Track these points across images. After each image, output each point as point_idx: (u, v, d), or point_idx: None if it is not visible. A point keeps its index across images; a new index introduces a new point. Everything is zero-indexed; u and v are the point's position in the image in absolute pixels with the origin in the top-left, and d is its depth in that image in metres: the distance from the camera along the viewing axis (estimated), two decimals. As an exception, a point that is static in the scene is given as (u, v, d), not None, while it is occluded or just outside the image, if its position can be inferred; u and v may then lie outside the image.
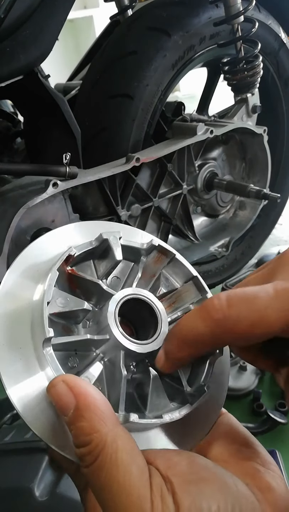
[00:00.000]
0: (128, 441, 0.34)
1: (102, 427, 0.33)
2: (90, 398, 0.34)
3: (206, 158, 1.35)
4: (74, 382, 0.34)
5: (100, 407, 0.34)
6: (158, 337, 0.41)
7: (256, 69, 1.25)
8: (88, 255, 0.44)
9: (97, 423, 0.33)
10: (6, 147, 1.32)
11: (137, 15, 1.23)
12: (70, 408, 0.34)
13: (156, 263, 0.47)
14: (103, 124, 1.13)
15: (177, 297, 0.48)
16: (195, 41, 1.20)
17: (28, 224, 0.93)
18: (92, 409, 0.33)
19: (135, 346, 0.40)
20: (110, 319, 0.39)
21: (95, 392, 0.35)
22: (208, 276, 1.59)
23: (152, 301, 0.43)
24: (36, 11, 0.87)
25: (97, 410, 0.33)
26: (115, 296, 0.41)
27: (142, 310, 0.43)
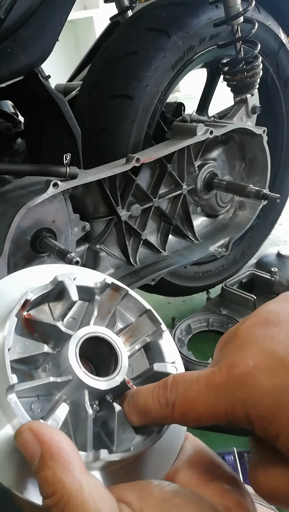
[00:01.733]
0: (95, 487, 0.33)
1: (67, 476, 0.32)
2: (54, 446, 0.33)
3: (206, 159, 1.35)
4: (39, 430, 0.34)
5: (64, 455, 0.33)
6: (119, 371, 0.41)
7: (256, 69, 1.25)
8: (43, 299, 0.45)
9: (61, 473, 0.32)
10: (7, 147, 1.33)
11: (137, 16, 1.23)
12: (36, 456, 0.33)
13: (110, 300, 0.48)
14: (104, 125, 1.14)
15: (133, 331, 0.49)
16: (195, 42, 1.21)
17: (28, 225, 0.93)
18: (56, 458, 0.33)
19: (99, 383, 0.40)
20: (71, 360, 0.40)
21: (61, 438, 0.34)
22: (208, 276, 1.59)
23: (110, 337, 0.43)
24: (36, 12, 0.87)
25: (61, 459, 0.32)
26: (74, 336, 0.41)
27: (101, 347, 0.43)
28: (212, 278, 1.61)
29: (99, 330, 0.43)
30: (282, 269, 1.59)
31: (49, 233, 0.97)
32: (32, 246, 0.95)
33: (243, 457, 1.09)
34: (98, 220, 1.12)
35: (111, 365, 0.43)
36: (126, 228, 1.17)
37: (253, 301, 1.49)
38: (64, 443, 0.34)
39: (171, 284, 1.42)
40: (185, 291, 1.57)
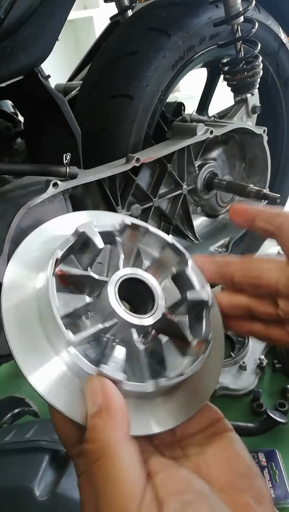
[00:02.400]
0: (131, 455, 0.36)
1: (114, 433, 0.36)
2: (114, 403, 0.37)
3: (206, 158, 1.35)
4: (108, 385, 0.38)
5: (119, 415, 0.37)
6: (157, 307, 0.45)
7: (256, 69, 1.25)
8: (69, 251, 0.46)
9: (110, 427, 0.36)
10: (6, 147, 1.32)
11: (137, 16, 1.23)
12: (96, 404, 0.37)
13: (131, 239, 0.50)
14: (104, 125, 1.14)
15: (160, 264, 0.51)
16: (195, 42, 1.21)
17: (28, 224, 0.93)
18: (112, 413, 0.36)
19: (143, 320, 0.43)
20: (114, 304, 0.43)
21: (122, 400, 0.38)
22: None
23: (142, 276, 0.46)
24: (36, 12, 0.87)
25: (115, 416, 0.36)
26: (110, 281, 0.44)
27: (137, 287, 0.46)
28: (212, 278, 1.60)
29: (131, 272, 0.46)
30: (282, 269, 1.59)
31: (49, 233, 0.96)
32: (32, 246, 0.95)
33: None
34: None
35: (149, 302, 0.46)
36: (126, 228, 1.17)
37: (253, 301, 1.49)
38: (122, 405, 0.38)
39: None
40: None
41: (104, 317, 0.44)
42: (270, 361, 1.36)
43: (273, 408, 1.23)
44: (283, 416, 1.13)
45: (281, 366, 1.35)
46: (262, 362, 1.32)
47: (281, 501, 1.01)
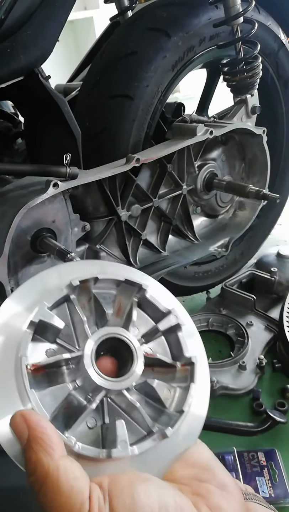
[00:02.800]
0: (71, 468, 0.38)
1: (46, 458, 0.37)
2: (39, 432, 0.39)
3: (206, 159, 1.35)
4: (29, 416, 0.40)
5: (46, 440, 0.38)
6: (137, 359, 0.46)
7: (256, 70, 1.25)
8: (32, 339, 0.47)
9: (41, 455, 0.38)
10: (7, 147, 1.33)
11: (137, 16, 1.24)
12: (25, 438, 0.39)
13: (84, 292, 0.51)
14: (104, 125, 1.14)
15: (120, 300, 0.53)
16: (195, 42, 1.21)
17: (28, 225, 0.93)
18: (39, 442, 0.38)
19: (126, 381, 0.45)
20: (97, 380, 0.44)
21: (46, 426, 0.39)
22: (208, 276, 1.59)
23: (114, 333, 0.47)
24: (36, 12, 0.87)
25: (42, 443, 0.38)
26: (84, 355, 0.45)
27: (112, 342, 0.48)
28: (212, 278, 1.61)
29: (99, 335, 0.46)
30: (282, 269, 1.59)
31: (49, 233, 0.97)
32: (32, 246, 0.95)
33: (243, 457, 1.10)
34: (98, 220, 1.13)
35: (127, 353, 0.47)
36: (126, 228, 1.18)
37: (252, 301, 1.49)
38: (48, 430, 0.39)
39: (171, 284, 1.42)
40: (184, 291, 1.57)
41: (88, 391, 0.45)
42: (269, 361, 1.36)
43: (273, 407, 1.23)
44: (282, 415, 1.13)
45: (280, 365, 1.35)
46: (261, 362, 1.32)
47: (281, 500, 1.02)
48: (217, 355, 1.42)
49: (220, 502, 0.40)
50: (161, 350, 0.52)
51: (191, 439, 0.47)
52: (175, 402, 0.49)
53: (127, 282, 0.52)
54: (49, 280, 0.51)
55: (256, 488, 1.03)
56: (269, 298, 1.59)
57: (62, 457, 0.38)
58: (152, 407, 0.48)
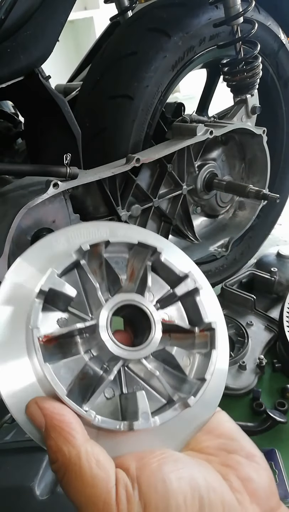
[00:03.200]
0: (94, 455, 0.36)
1: (66, 446, 0.36)
2: (56, 419, 0.37)
3: (206, 159, 1.35)
4: (43, 404, 0.38)
5: (65, 427, 0.37)
6: (148, 344, 0.44)
7: (256, 70, 1.25)
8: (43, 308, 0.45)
9: (61, 443, 0.36)
10: (7, 147, 1.33)
11: (137, 16, 1.24)
12: (42, 427, 0.37)
13: (95, 255, 0.49)
14: (104, 125, 1.14)
15: (133, 264, 0.50)
16: (195, 42, 1.21)
17: (28, 225, 0.93)
18: (58, 430, 0.37)
19: (145, 349, 0.43)
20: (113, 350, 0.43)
21: (63, 412, 0.38)
22: (208, 276, 1.57)
23: (128, 299, 0.45)
24: (36, 12, 0.87)
25: (61, 431, 0.37)
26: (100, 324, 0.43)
27: (128, 309, 0.46)
28: (212, 278, 1.61)
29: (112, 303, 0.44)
30: (282, 269, 1.59)
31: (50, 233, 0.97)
32: (32, 246, 0.95)
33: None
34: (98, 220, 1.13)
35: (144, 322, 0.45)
36: (126, 228, 1.18)
37: (252, 301, 1.49)
38: (66, 416, 0.37)
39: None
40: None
41: (104, 360, 0.43)
42: (269, 361, 1.36)
43: (273, 407, 1.23)
44: (282, 415, 1.13)
45: (280, 365, 1.35)
46: (261, 362, 1.32)
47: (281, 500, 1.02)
48: (217, 355, 1.42)
49: (250, 473, 0.39)
50: (178, 315, 0.50)
51: (212, 408, 0.46)
52: (195, 369, 0.47)
53: (141, 245, 0.49)
54: (57, 244, 0.48)
55: (256, 488, 1.03)
56: (269, 298, 1.59)
57: (84, 443, 0.37)
58: (171, 375, 0.46)
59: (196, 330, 0.48)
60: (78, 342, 0.43)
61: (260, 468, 0.41)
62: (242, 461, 0.40)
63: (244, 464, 0.40)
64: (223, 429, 0.44)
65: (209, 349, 0.47)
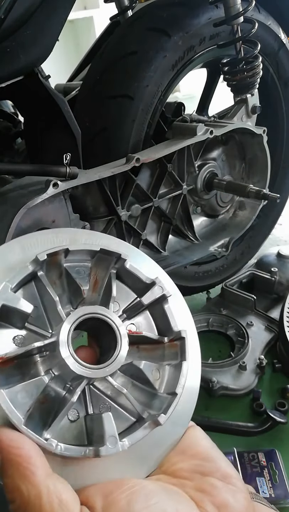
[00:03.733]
0: (56, 493, 0.33)
1: (24, 484, 0.32)
2: (13, 453, 0.33)
3: (206, 159, 1.35)
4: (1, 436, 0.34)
5: (23, 462, 0.33)
6: (114, 360, 0.41)
7: (256, 69, 1.25)
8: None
9: (18, 480, 0.32)
10: (7, 147, 1.32)
11: (137, 16, 1.23)
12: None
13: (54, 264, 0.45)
14: (103, 125, 1.14)
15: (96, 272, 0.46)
16: (195, 42, 1.21)
17: (28, 224, 0.93)
18: (15, 465, 0.32)
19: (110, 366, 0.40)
20: (75, 369, 0.39)
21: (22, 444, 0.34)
22: (208, 276, 1.59)
23: (108, 317, 0.42)
24: (36, 12, 0.87)
25: (19, 466, 0.32)
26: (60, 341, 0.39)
27: (92, 322, 0.42)
28: (212, 278, 1.61)
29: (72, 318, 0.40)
30: (282, 269, 1.59)
31: (49, 233, 0.96)
32: (32, 246, 0.95)
33: (243, 457, 1.09)
34: (98, 220, 1.12)
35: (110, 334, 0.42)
36: (126, 228, 1.17)
37: (253, 301, 1.49)
38: (24, 449, 0.33)
39: (171, 284, 1.42)
40: (185, 291, 1.57)
41: (67, 379, 0.40)
42: (270, 361, 1.36)
43: (273, 408, 1.23)
44: (283, 416, 1.13)
45: (281, 366, 1.35)
46: (262, 362, 1.32)
47: (281, 501, 1.01)
48: (217, 355, 1.42)
49: (226, 498, 0.37)
50: (146, 325, 0.46)
51: (185, 423, 0.43)
52: (165, 382, 0.44)
53: (103, 251, 0.45)
54: (12, 255, 0.43)
55: (256, 489, 1.03)
56: (269, 298, 1.58)
57: (45, 479, 0.33)
58: (140, 390, 0.43)
59: (165, 340, 0.45)
60: (37, 362, 0.40)
61: (236, 491, 0.38)
62: (218, 484, 0.38)
63: (220, 488, 0.38)
64: (197, 448, 0.42)
65: (179, 360, 0.44)
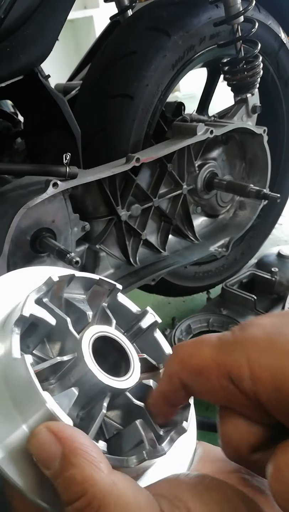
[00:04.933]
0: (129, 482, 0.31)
1: (97, 473, 0.29)
2: (78, 442, 0.30)
3: (206, 158, 1.35)
4: (58, 428, 0.31)
5: (91, 452, 0.30)
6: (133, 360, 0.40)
7: (256, 69, 1.25)
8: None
9: (90, 470, 0.29)
10: (7, 147, 1.32)
11: (137, 15, 1.23)
12: (56, 458, 0.30)
13: (57, 292, 0.44)
14: (103, 124, 1.13)
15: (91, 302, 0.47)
16: (195, 41, 1.21)
17: (28, 224, 0.93)
18: (82, 455, 0.30)
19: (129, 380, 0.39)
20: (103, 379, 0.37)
21: (83, 435, 0.31)
22: (208, 276, 1.59)
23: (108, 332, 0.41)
24: (36, 11, 0.87)
25: (87, 455, 0.30)
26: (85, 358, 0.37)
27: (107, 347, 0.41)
28: (212, 278, 1.60)
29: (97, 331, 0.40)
30: (283, 269, 1.59)
31: (49, 233, 0.96)
32: (31, 246, 0.95)
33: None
34: (98, 220, 1.12)
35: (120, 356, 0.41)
36: (126, 228, 1.17)
37: (253, 301, 1.49)
38: (87, 441, 0.31)
39: (171, 284, 1.42)
40: (185, 291, 1.57)
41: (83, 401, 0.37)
42: (270, 361, 1.36)
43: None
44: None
45: (281, 366, 1.35)
46: (262, 362, 1.32)
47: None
48: (217, 355, 1.41)
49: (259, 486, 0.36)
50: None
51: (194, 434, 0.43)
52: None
53: (101, 283, 0.46)
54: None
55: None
56: (270, 298, 1.58)
57: (113, 471, 0.30)
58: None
59: (161, 366, 0.45)
60: (50, 388, 0.38)
61: (264, 481, 0.37)
62: (247, 477, 0.37)
63: (251, 480, 0.37)
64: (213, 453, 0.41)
65: None
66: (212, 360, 0.33)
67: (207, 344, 0.34)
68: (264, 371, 0.30)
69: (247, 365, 0.31)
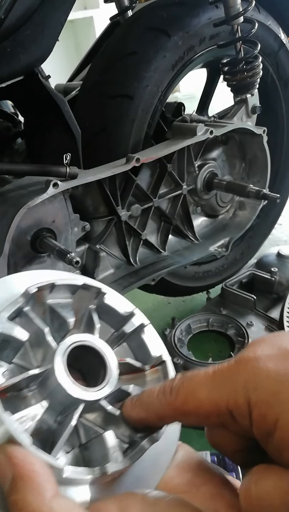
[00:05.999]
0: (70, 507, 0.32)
1: (37, 500, 0.31)
2: (26, 469, 0.32)
3: (206, 159, 1.35)
4: (12, 451, 0.32)
5: (36, 478, 0.32)
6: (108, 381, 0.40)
7: (256, 69, 1.25)
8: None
9: (31, 496, 0.31)
10: (7, 147, 1.33)
11: (137, 16, 1.24)
12: (8, 480, 0.32)
13: (40, 302, 0.44)
14: (103, 125, 1.14)
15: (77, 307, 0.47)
16: (195, 42, 1.21)
17: (28, 224, 0.93)
18: (27, 481, 0.31)
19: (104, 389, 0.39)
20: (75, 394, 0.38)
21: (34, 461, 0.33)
22: (208, 276, 1.59)
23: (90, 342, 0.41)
24: (36, 12, 0.87)
25: (31, 482, 0.31)
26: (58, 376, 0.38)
27: (86, 355, 0.41)
28: (212, 278, 1.61)
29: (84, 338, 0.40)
30: (282, 269, 1.59)
31: (49, 233, 0.97)
32: (32, 246, 0.95)
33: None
34: (98, 220, 1.12)
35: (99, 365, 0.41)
36: (126, 228, 1.18)
37: (253, 301, 1.49)
38: (36, 466, 0.32)
39: (171, 284, 1.42)
40: (185, 291, 1.57)
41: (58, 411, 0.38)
42: (270, 361, 1.36)
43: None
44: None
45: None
46: (262, 362, 1.32)
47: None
48: (217, 355, 1.41)
49: (229, 501, 0.36)
50: (125, 356, 0.46)
51: (175, 441, 0.43)
52: None
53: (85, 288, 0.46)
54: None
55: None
56: (269, 298, 1.58)
57: (56, 498, 0.32)
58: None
59: (147, 368, 0.45)
60: (27, 396, 0.39)
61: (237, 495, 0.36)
62: (218, 491, 0.37)
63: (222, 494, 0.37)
64: (188, 462, 0.41)
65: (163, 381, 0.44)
66: (209, 400, 0.34)
67: (200, 383, 0.35)
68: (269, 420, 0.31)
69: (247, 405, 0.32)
